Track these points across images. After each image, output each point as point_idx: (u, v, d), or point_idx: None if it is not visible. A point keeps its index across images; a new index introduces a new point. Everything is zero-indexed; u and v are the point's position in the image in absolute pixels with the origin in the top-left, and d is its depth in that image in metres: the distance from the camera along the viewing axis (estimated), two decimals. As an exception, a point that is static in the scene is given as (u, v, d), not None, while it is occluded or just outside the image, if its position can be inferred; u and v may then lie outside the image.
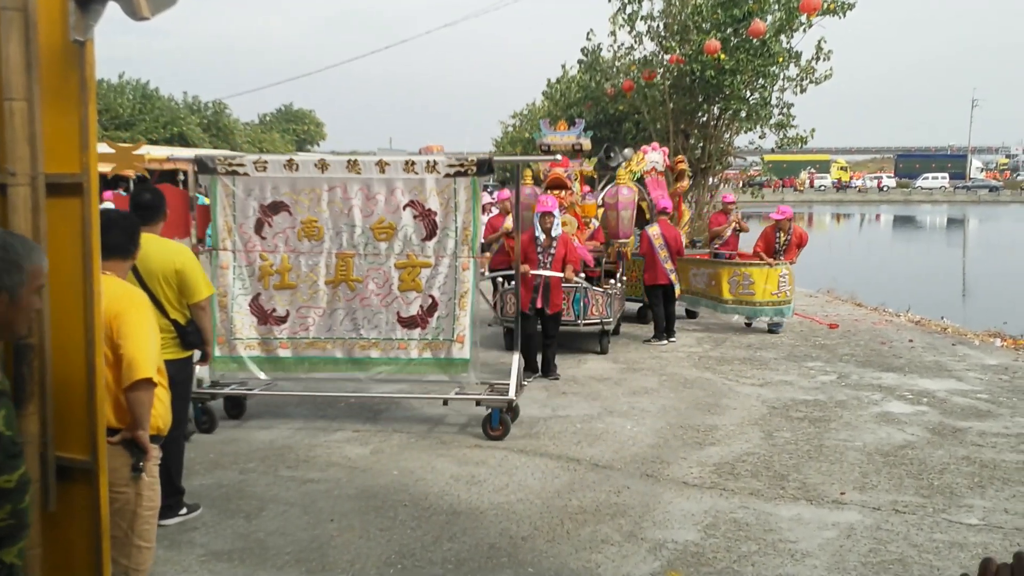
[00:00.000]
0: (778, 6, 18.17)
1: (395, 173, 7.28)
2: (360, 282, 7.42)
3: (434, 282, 7.36)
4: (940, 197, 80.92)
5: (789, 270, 12.24)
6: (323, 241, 7.43)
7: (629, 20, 19.89)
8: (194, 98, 54.64)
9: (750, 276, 12.19)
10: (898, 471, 6.47)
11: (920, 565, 4.88)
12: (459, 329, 7.37)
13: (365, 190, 7.32)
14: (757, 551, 5.06)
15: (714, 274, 12.53)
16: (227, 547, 5.10)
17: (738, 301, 12.29)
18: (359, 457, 6.75)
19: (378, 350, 7.50)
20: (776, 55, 18.24)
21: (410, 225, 7.32)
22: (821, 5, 16.48)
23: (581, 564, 4.88)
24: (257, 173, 7.40)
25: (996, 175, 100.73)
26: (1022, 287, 22.13)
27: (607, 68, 24.24)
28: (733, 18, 18.03)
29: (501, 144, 51.09)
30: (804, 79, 19.11)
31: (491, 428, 7.26)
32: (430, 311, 7.39)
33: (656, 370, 9.93)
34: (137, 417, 3.38)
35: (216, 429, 7.42)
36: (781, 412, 8.13)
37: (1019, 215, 60.19)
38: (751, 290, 12.17)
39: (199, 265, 5.50)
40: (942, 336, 12.48)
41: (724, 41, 17.87)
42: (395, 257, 7.37)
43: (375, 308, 7.44)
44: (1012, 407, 8.34)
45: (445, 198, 7.26)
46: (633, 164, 13.08)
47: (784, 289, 12.20)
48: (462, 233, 7.28)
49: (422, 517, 5.54)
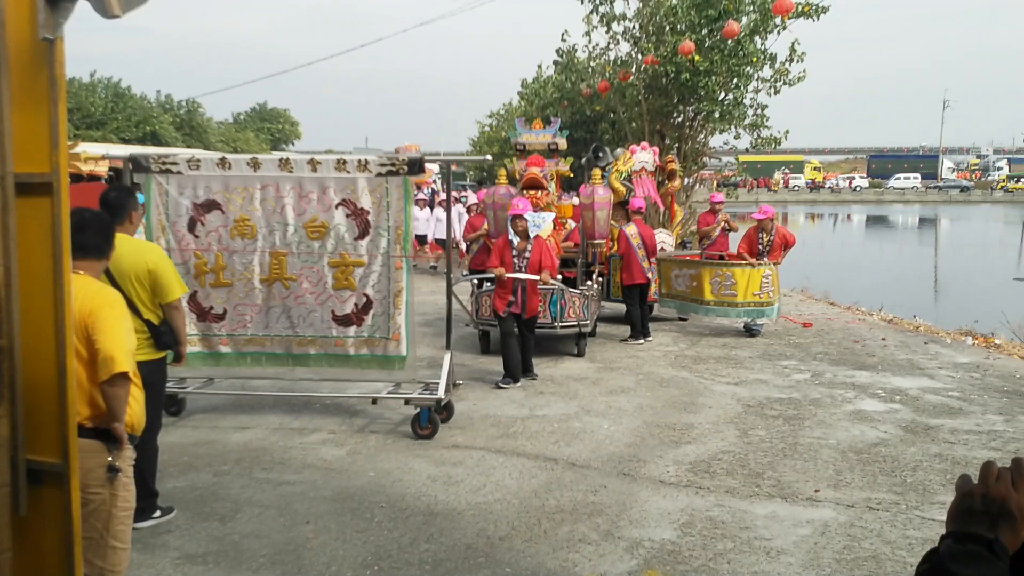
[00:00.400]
0: (752, 8, 18.25)
1: (327, 172, 7.33)
2: (294, 280, 7.46)
3: (368, 281, 7.41)
4: (912, 197, 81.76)
5: (773, 271, 11.99)
6: (256, 240, 7.46)
7: (603, 21, 19.92)
8: (167, 97, 54.32)
9: (732, 276, 11.97)
10: (871, 468, 6.53)
11: (893, 561, 4.92)
12: (395, 327, 7.45)
13: (298, 189, 7.36)
14: (733, 549, 5.08)
15: (696, 275, 12.30)
16: (201, 550, 5.06)
17: (720, 302, 12.06)
18: (335, 458, 6.72)
19: (315, 347, 7.58)
20: (750, 56, 18.31)
21: (343, 224, 7.36)
22: (794, 7, 16.57)
23: (558, 564, 4.88)
24: (190, 172, 7.43)
25: (967, 175, 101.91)
26: (993, 286, 22.39)
27: (582, 69, 24.26)
28: (707, 19, 18.09)
29: (478, 144, 51.05)
30: (778, 80, 19.21)
31: (419, 427, 7.27)
32: (365, 309, 7.45)
33: (633, 369, 9.96)
34: (113, 410, 3.36)
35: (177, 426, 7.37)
36: (756, 410, 8.18)
37: (990, 215, 60.93)
38: (733, 291, 11.94)
39: (171, 264, 5.44)
40: (914, 335, 12.60)
41: (699, 42, 17.92)
42: (328, 256, 7.41)
43: (310, 306, 7.50)
44: (983, 405, 8.44)
45: (377, 197, 7.30)
46: (620, 164, 12.96)
47: (767, 290, 11.95)
48: (395, 232, 7.33)
49: (399, 518, 5.52)
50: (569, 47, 24.18)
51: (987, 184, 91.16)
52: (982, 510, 1.26)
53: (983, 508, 1.26)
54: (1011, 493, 1.26)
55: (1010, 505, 1.25)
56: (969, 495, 1.28)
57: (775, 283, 12.01)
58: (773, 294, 11.98)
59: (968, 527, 1.25)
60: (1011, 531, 1.24)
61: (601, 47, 21.40)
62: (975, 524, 1.25)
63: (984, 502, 1.26)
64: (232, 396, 8.32)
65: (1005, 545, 1.22)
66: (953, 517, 1.29)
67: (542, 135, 11.41)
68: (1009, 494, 1.25)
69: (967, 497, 1.28)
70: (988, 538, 1.22)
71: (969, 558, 1.20)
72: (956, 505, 1.29)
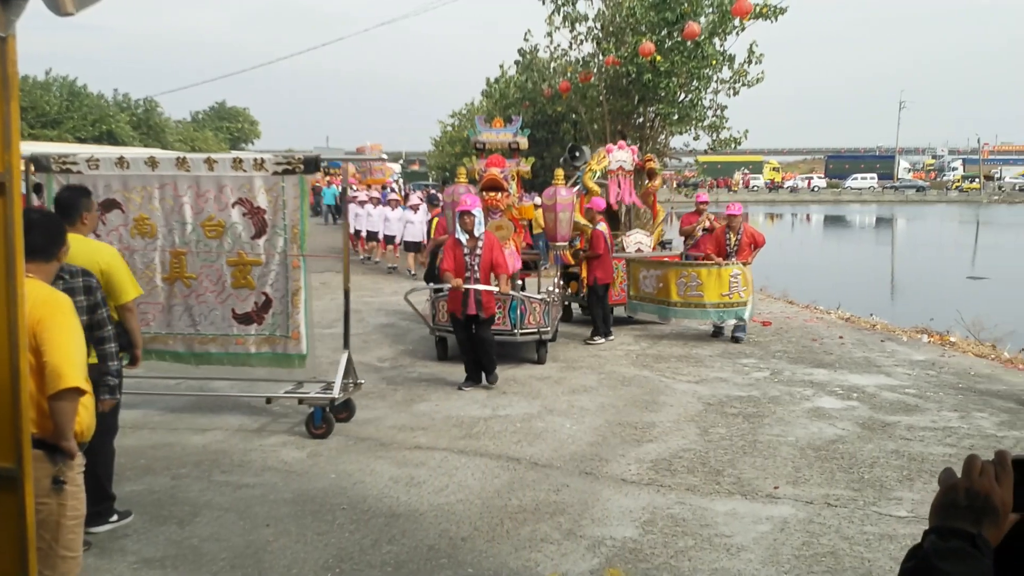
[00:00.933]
0: (711, 9, 18.41)
1: (224, 171, 7.34)
2: (194, 279, 7.48)
3: (266, 279, 7.44)
4: (869, 197, 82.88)
5: (743, 270, 11.59)
6: (156, 239, 7.46)
7: (566, 21, 19.98)
8: (124, 96, 53.55)
9: (698, 277, 11.65)
10: (829, 465, 6.61)
11: (851, 557, 4.99)
12: (294, 326, 7.48)
13: (195, 188, 7.38)
14: (694, 546, 5.12)
15: (662, 276, 11.97)
16: (159, 554, 4.99)
17: (686, 303, 11.73)
18: (295, 461, 6.67)
19: (216, 345, 7.59)
20: (710, 58, 18.47)
21: (239, 223, 7.37)
22: (753, 8, 16.73)
23: (521, 563, 4.88)
24: (90, 171, 7.39)
25: (923, 175, 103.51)
26: (948, 284, 22.78)
27: (544, 69, 24.32)
28: (666, 21, 18.22)
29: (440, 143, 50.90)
30: (737, 82, 19.40)
31: (313, 427, 7.26)
32: (264, 308, 7.49)
33: (595, 368, 9.99)
34: (60, 427, 3.27)
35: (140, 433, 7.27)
36: (716, 408, 8.25)
37: (945, 214, 61.95)
38: (700, 291, 11.60)
39: (125, 265, 5.37)
40: (871, 333, 12.78)
41: (659, 43, 18.05)
42: (226, 255, 7.42)
43: (211, 304, 7.52)
44: (939, 401, 8.58)
45: (274, 196, 7.31)
46: (594, 163, 12.78)
47: (737, 290, 11.60)
48: (291, 231, 7.35)
49: (360, 520, 5.50)
50: (531, 47, 24.24)
51: (942, 184, 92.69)
52: (966, 505, 1.26)
53: (967, 503, 1.26)
54: (994, 488, 1.26)
55: (994, 500, 1.25)
56: (953, 489, 1.28)
57: (746, 283, 11.65)
58: (744, 294, 11.64)
59: (952, 521, 1.25)
60: (994, 525, 1.25)
61: (563, 48, 21.50)
62: (959, 519, 1.25)
63: (968, 496, 1.27)
64: (190, 398, 8.24)
65: (988, 540, 1.23)
66: (937, 511, 1.29)
67: (502, 134, 11.17)
68: (993, 488, 1.26)
69: (951, 491, 1.29)
70: (972, 533, 1.23)
71: (954, 554, 1.20)
72: (940, 499, 1.30)
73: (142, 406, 7.92)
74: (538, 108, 24.76)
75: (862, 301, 16.97)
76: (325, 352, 10.71)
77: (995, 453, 1.30)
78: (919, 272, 27.07)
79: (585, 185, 12.85)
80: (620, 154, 13.10)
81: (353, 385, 7.78)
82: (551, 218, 11.06)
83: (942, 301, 17.10)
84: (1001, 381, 9.51)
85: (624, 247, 13.16)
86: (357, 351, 10.78)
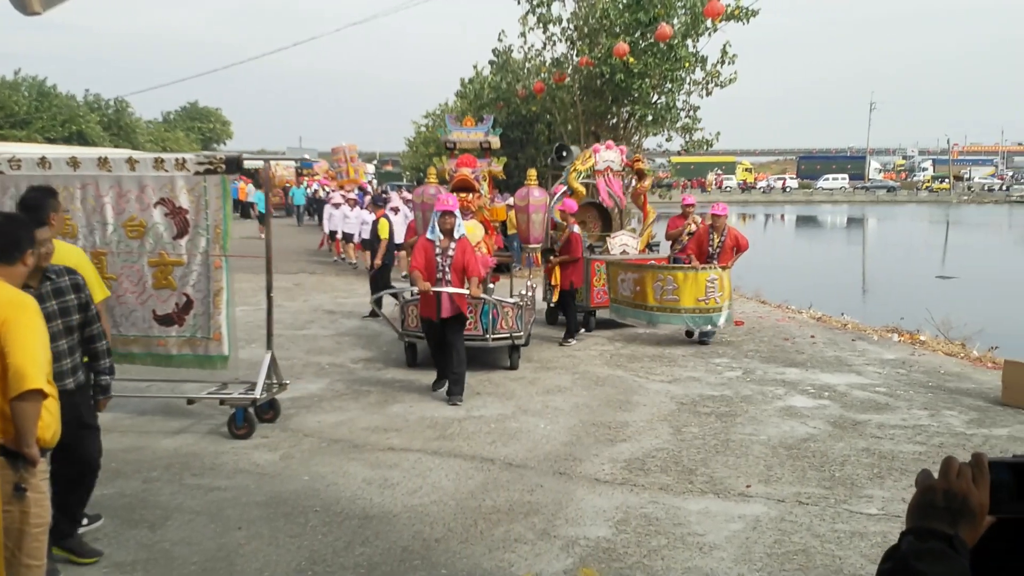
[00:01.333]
0: (684, 10, 18.50)
1: (145, 171, 7.28)
2: (116, 280, 7.38)
3: (188, 280, 7.38)
4: (840, 197, 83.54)
5: (720, 274, 11.27)
6: (78, 239, 7.34)
7: (540, 22, 20.00)
8: (95, 96, 52.99)
9: (674, 281, 11.28)
10: (801, 463, 6.66)
11: (823, 555, 5.03)
12: (215, 327, 7.42)
13: (117, 188, 7.31)
14: (667, 545, 5.14)
15: (639, 279, 11.58)
16: (130, 558, 4.95)
17: (662, 308, 11.35)
18: (268, 463, 6.63)
19: (139, 347, 7.51)
20: (683, 59, 18.56)
21: (161, 223, 7.31)
22: (725, 10, 16.83)
23: (495, 564, 4.88)
24: (11, 172, 7.28)
25: (893, 176, 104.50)
26: (918, 284, 23.01)
27: (518, 69, 24.33)
28: (639, 22, 18.30)
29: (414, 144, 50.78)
30: (710, 83, 19.51)
31: (235, 427, 7.24)
32: (186, 309, 7.42)
33: (569, 368, 10.01)
34: (22, 431, 3.23)
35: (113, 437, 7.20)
36: (689, 408, 8.29)
37: (915, 214, 62.60)
38: (675, 295, 11.21)
39: (93, 267, 5.34)
40: (842, 332, 12.89)
41: (632, 44, 18.11)
42: (148, 255, 7.36)
43: (132, 306, 7.44)
44: (909, 400, 8.66)
45: (196, 196, 7.26)
46: (578, 163, 12.58)
47: (713, 295, 11.22)
48: (213, 232, 7.29)
49: (333, 522, 5.47)
50: (505, 48, 24.25)
51: (912, 184, 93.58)
52: (944, 506, 1.27)
53: (945, 504, 1.27)
54: (971, 489, 1.27)
55: (971, 501, 1.26)
56: (931, 490, 1.29)
57: (723, 288, 11.31)
58: (721, 299, 11.28)
59: (929, 522, 1.26)
60: (971, 527, 1.26)
61: (537, 48, 21.52)
62: (936, 519, 1.26)
63: (946, 498, 1.28)
64: (161, 400, 8.16)
65: (965, 540, 1.24)
66: (914, 512, 1.30)
67: (474, 133, 10.93)
68: (970, 490, 1.27)
69: (928, 492, 1.29)
70: (949, 534, 1.24)
71: (932, 555, 1.21)
72: (917, 500, 1.30)
73: (112, 409, 7.81)
74: (512, 109, 24.76)
75: (833, 301, 17.10)
76: (298, 354, 10.67)
77: (972, 455, 1.31)
78: (890, 272, 27.32)
79: (570, 185, 12.70)
80: (608, 154, 12.88)
81: (278, 386, 7.77)
82: (524, 220, 10.84)
83: (912, 300, 17.25)
84: (970, 379, 9.62)
85: (608, 249, 12.96)
86: (330, 352, 10.77)
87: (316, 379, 9.38)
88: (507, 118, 24.54)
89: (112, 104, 53.84)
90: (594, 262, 12.44)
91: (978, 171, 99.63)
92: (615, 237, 13.21)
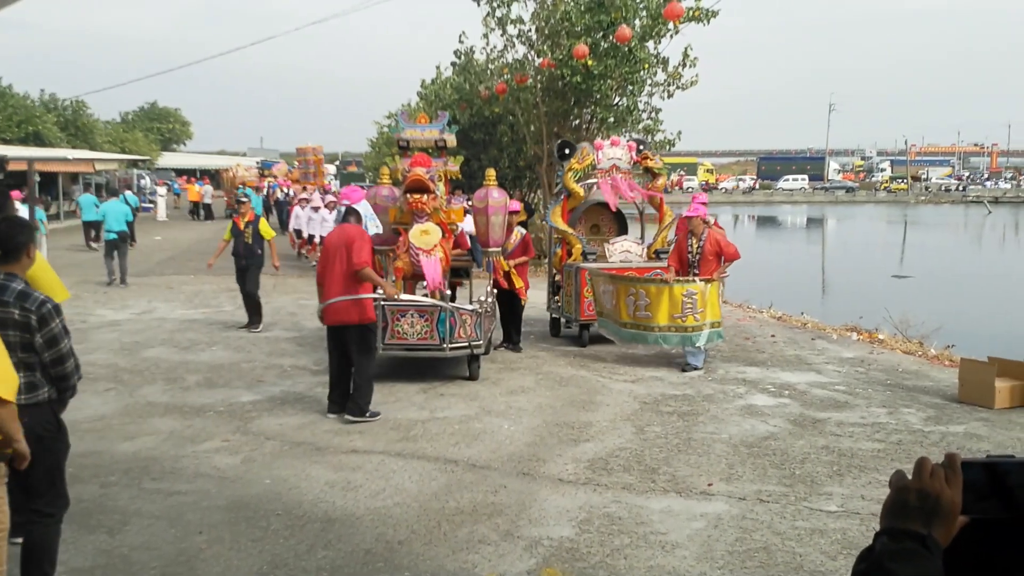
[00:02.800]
0: (644, 12, 18.61)
1: None
2: None
3: None
4: (800, 198, 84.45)
5: (702, 288, 9.85)
6: None
7: (500, 23, 20.04)
8: (51, 95, 52.11)
9: (646, 295, 9.92)
10: (762, 462, 6.73)
11: (783, 552, 5.08)
12: None
13: None
14: (629, 544, 5.17)
15: (614, 291, 10.35)
16: (88, 563, 4.88)
17: (636, 325, 10.06)
18: (229, 467, 6.57)
19: None
20: (643, 61, 18.68)
21: None
22: (684, 12, 16.95)
23: (458, 565, 4.88)
24: None
25: (852, 176, 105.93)
26: (877, 283, 23.32)
27: (480, 70, 24.33)
28: (600, 24, 18.38)
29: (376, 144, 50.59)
30: (671, 84, 19.65)
31: None
32: None
33: (532, 369, 10.02)
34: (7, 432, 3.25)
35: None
36: (652, 407, 8.33)
37: (873, 214, 63.49)
38: (648, 312, 9.89)
39: (51, 269, 5.28)
40: (802, 331, 13.03)
41: (593, 46, 18.18)
42: None
43: None
44: (867, 398, 8.78)
45: None
46: (575, 163, 11.55)
47: (691, 313, 9.79)
48: None
49: (295, 526, 5.43)
50: (467, 48, 24.26)
51: (871, 185, 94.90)
52: (917, 506, 1.28)
53: (918, 504, 1.28)
54: (945, 489, 1.28)
55: (944, 501, 1.27)
56: (904, 490, 1.30)
57: (707, 303, 9.87)
58: (702, 317, 9.83)
59: (903, 523, 1.27)
60: (944, 527, 1.27)
61: (499, 49, 21.55)
62: (910, 519, 1.27)
63: (919, 498, 1.28)
64: (119, 404, 8.06)
65: (938, 540, 1.25)
66: (888, 512, 1.31)
67: (428, 131, 10.30)
68: (943, 490, 1.28)
69: (902, 492, 1.30)
70: (922, 534, 1.25)
71: (906, 555, 1.22)
72: (891, 500, 1.31)
73: (69, 412, 7.70)
74: (475, 110, 24.75)
75: (793, 300, 17.28)
76: (259, 356, 10.58)
77: (945, 456, 1.33)
78: (849, 271, 27.68)
79: (567, 187, 11.77)
80: (613, 151, 11.69)
81: None
82: (482, 221, 10.14)
83: (871, 299, 17.49)
84: (928, 377, 9.77)
85: (607, 256, 11.88)
86: (292, 355, 10.69)
87: (278, 381, 9.31)
88: (469, 119, 24.53)
89: (69, 104, 52.99)
90: (584, 272, 11.17)
91: (935, 172, 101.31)
92: (615, 243, 12.16)
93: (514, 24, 20.01)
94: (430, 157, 10.08)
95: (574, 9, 18.62)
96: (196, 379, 9.31)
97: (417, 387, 9.05)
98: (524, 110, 21.08)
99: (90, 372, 9.50)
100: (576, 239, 11.75)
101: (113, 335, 11.80)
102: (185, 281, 18.15)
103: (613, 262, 11.70)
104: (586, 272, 11.07)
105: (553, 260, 12.36)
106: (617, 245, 12.14)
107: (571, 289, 11.43)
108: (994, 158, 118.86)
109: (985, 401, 8.31)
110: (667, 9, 16.38)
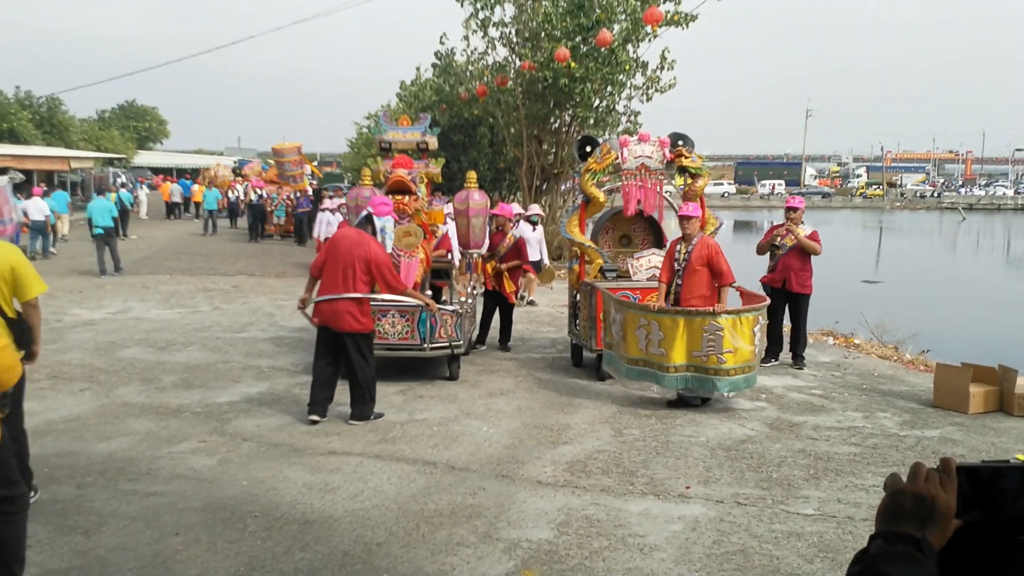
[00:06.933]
0: (624, 16, 18.71)
1: None
2: None
3: None
4: (776, 203, 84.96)
5: (728, 323, 7.98)
6: None
7: (482, 26, 20.06)
8: (26, 93, 51.60)
9: (660, 327, 8.13)
10: (739, 465, 6.76)
11: (760, 555, 5.11)
12: None
13: None
14: (608, 546, 5.18)
15: (623, 320, 8.45)
16: (64, 565, 4.83)
17: (647, 362, 8.26)
18: (206, 468, 6.52)
19: None
20: (623, 64, 18.77)
21: None
22: (664, 17, 17.04)
23: (436, 567, 4.87)
24: None
25: (828, 182, 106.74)
26: (853, 288, 23.50)
27: (461, 72, 24.37)
28: (581, 27, 18.45)
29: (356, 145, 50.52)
30: (650, 87, 19.76)
31: None
32: None
33: (512, 372, 10.02)
34: None
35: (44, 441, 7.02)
36: (630, 410, 8.36)
37: (849, 219, 63.97)
38: (661, 348, 8.10)
39: (28, 261, 5.28)
40: (779, 335, 13.07)
41: (574, 49, 18.26)
42: None
43: None
44: (844, 402, 8.85)
45: None
46: (592, 163, 9.82)
47: (712, 353, 7.94)
48: None
49: (273, 527, 5.40)
50: (447, 50, 24.28)
51: (847, 191, 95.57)
52: (912, 509, 1.29)
53: (913, 507, 1.30)
54: (940, 493, 1.30)
55: (939, 504, 1.29)
56: (899, 494, 1.32)
57: (734, 338, 7.99)
58: (732, 359, 7.97)
59: (898, 526, 1.29)
60: (939, 530, 1.29)
61: (480, 51, 21.60)
62: (905, 523, 1.29)
63: (914, 501, 1.30)
64: (95, 404, 7.99)
65: (932, 543, 1.27)
66: (883, 515, 1.32)
67: (410, 133, 10.38)
68: (938, 494, 1.30)
69: (897, 495, 1.32)
70: (917, 537, 1.26)
71: (900, 558, 1.24)
72: (886, 503, 1.33)
73: (44, 412, 7.65)
74: (455, 111, 24.77)
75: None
76: (236, 357, 10.52)
77: (940, 460, 1.35)
78: (825, 276, 27.78)
79: (585, 191, 10.06)
80: (641, 147, 9.71)
81: None
82: (464, 224, 10.13)
83: (847, 304, 17.60)
84: (903, 382, 9.86)
85: (631, 273, 10.14)
86: (269, 356, 10.63)
87: (255, 382, 9.26)
88: (450, 121, 24.54)
89: (44, 101, 52.48)
90: (599, 292, 9.25)
91: (910, 178, 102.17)
92: (641, 257, 10.29)
93: (496, 27, 20.05)
94: (412, 159, 10.13)
95: (554, 12, 18.67)
96: (172, 379, 9.24)
97: (396, 388, 9.02)
98: (504, 112, 21.11)
99: (65, 372, 9.44)
100: (596, 252, 10.02)
101: (88, 335, 11.69)
102: (161, 281, 18.02)
103: (639, 280, 9.93)
104: (601, 293, 9.16)
105: (570, 278, 10.72)
106: (643, 260, 10.22)
107: (587, 312, 9.71)
108: (968, 165, 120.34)
109: (960, 406, 8.40)
110: (646, 14, 16.45)
